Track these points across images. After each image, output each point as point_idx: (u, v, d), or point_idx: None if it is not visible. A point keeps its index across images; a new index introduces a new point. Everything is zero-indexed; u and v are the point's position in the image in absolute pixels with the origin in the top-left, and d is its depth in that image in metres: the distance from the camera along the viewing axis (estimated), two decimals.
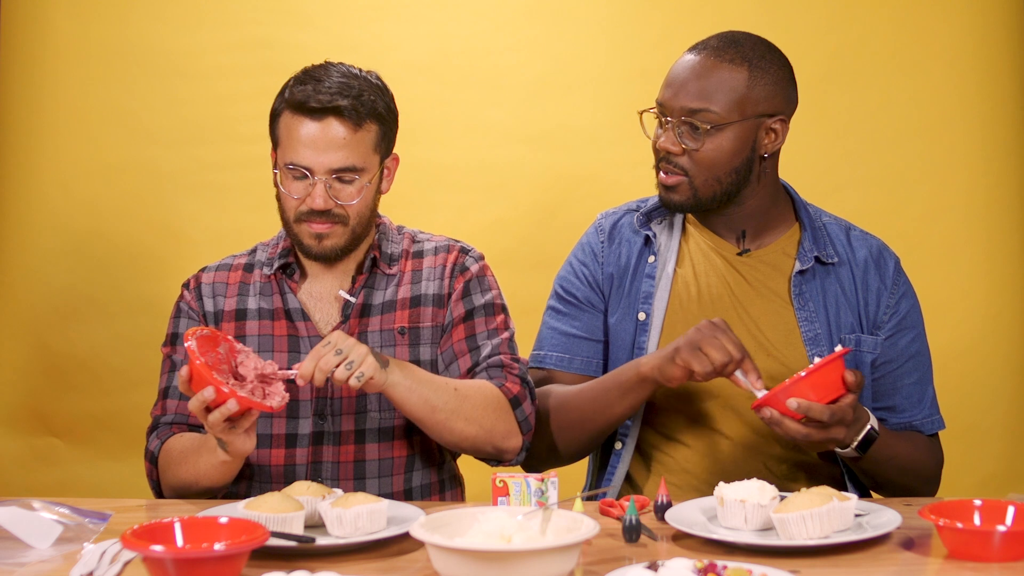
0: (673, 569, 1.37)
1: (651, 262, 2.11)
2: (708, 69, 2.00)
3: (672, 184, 2.04)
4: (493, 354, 2.01)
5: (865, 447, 1.89)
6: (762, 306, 2.06)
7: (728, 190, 2.03)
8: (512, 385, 1.97)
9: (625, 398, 1.98)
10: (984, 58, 2.91)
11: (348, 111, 1.93)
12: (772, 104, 2.02)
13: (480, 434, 1.93)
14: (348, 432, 2.00)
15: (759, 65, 2.01)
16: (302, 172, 1.95)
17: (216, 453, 1.83)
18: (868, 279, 2.08)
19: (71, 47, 2.93)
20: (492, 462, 2.01)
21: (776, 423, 1.79)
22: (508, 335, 2.05)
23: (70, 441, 2.94)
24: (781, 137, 2.05)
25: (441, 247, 2.11)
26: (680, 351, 1.87)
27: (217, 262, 2.15)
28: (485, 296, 2.07)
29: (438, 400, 1.89)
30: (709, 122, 1.98)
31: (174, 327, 2.09)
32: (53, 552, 1.61)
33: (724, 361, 1.84)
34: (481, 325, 2.04)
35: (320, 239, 1.98)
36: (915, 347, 2.10)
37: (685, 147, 2.01)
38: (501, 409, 1.95)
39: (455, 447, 1.99)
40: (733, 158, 2.01)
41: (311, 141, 1.94)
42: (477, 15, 2.95)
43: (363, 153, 1.96)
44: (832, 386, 1.79)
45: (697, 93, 1.99)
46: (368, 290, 2.05)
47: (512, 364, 2.01)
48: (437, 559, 1.43)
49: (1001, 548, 1.49)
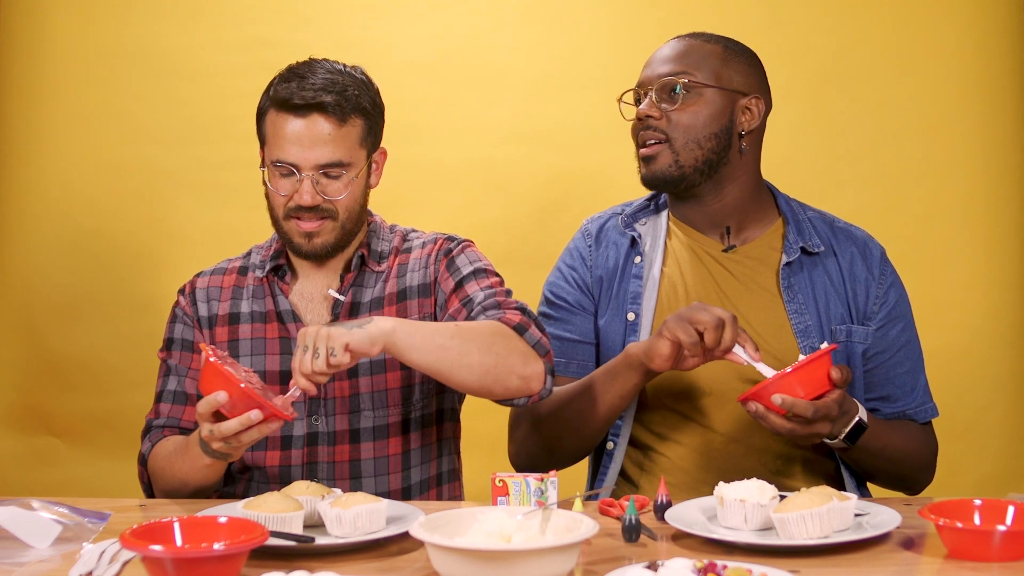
0: (673, 569, 1.37)
1: (638, 263, 2.12)
2: (684, 46, 2.10)
3: (653, 153, 2.07)
4: (487, 299, 1.96)
5: (854, 438, 1.89)
6: (751, 301, 2.06)
7: (709, 158, 2.05)
8: (511, 315, 1.90)
9: (614, 383, 1.96)
10: (984, 58, 2.91)
11: (332, 107, 1.94)
12: (747, 82, 2.08)
13: (498, 362, 1.82)
14: (343, 432, 2.00)
15: (732, 48, 2.10)
16: (289, 169, 1.95)
17: (200, 456, 1.82)
18: (855, 269, 2.09)
19: (71, 47, 2.93)
20: (521, 400, 1.88)
21: (761, 417, 1.81)
22: (503, 289, 2.00)
23: (69, 441, 2.94)
24: (757, 117, 2.09)
25: (428, 240, 2.11)
26: (666, 324, 1.87)
27: (212, 266, 2.15)
28: (474, 264, 2.04)
29: (443, 338, 1.80)
30: (687, 82, 2.04)
31: (170, 332, 2.10)
32: (52, 552, 1.61)
33: (712, 323, 1.81)
34: (473, 286, 2.00)
35: (310, 237, 1.98)
36: (905, 336, 2.11)
37: (663, 110, 2.05)
38: (508, 336, 1.86)
39: (477, 387, 1.85)
40: (711, 122, 2.05)
41: (296, 138, 1.94)
42: (477, 15, 2.95)
43: (349, 148, 1.97)
44: (818, 382, 1.80)
45: (675, 62, 2.07)
46: (357, 288, 2.05)
47: (508, 301, 1.95)
48: (437, 559, 1.43)
49: (1001, 548, 1.49)
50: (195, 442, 1.83)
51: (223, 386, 1.69)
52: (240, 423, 1.69)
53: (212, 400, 1.69)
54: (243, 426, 1.69)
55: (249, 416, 1.68)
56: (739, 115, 2.07)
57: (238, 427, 1.70)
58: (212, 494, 1.99)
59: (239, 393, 1.67)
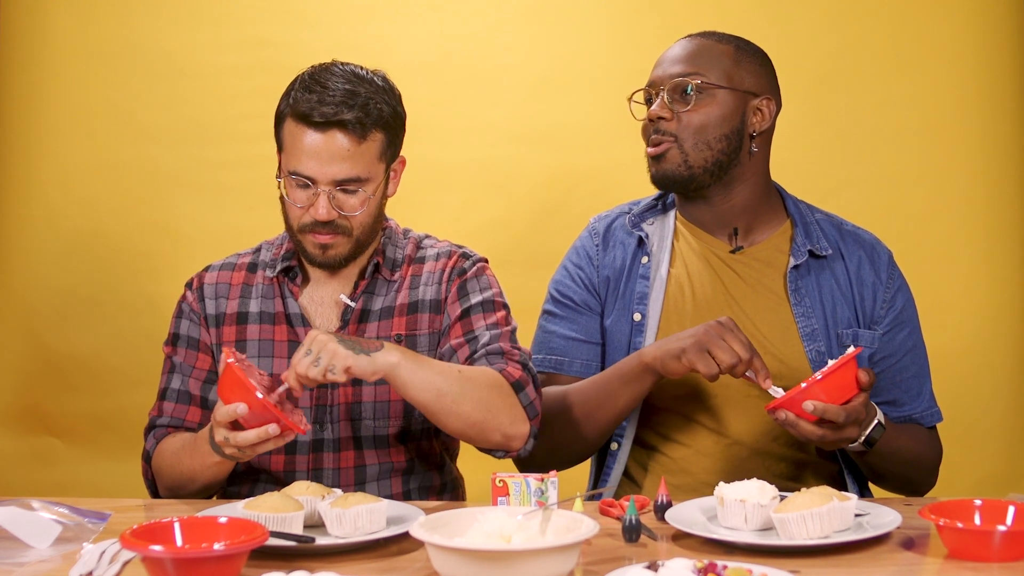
0: (673, 569, 1.37)
1: (645, 263, 2.11)
2: (696, 46, 2.08)
3: (661, 152, 2.05)
4: (492, 342, 1.96)
5: (872, 442, 1.89)
6: (758, 303, 2.06)
7: (719, 159, 2.04)
8: (513, 370, 1.90)
9: (627, 388, 1.97)
10: (984, 58, 2.91)
11: (353, 124, 1.90)
12: (758, 83, 2.07)
13: (487, 418, 1.84)
14: (347, 439, 2.00)
15: (744, 48, 2.09)
16: (305, 181, 1.93)
17: (209, 455, 1.82)
18: (863, 273, 2.09)
19: (71, 47, 2.93)
20: (499, 453, 1.91)
21: (791, 425, 1.79)
22: (509, 329, 2.00)
23: (69, 441, 2.94)
24: (768, 119, 2.07)
25: (443, 253, 2.08)
26: (687, 352, 1.86)
27: (221, 261, 2.13)
28: (484, 293, 2.03)
29: (443, 382, 1.81)
30: (698, 83, 2.02)
31: (175, 327, 2.08)
32: (52, 552, 1.61)
33: (731, 363, 1.83)
34: (479, 320, 2.00)
35: (324, 249, 1.96)
36: (912, 341, 2.11)
37: (674, 111, 2.03)
38: (504, 392, 1.87)
39: (461, 434, 1.89)
40: (722, 123, 2.03)
41: (315, 152, 1.91)
42: (477, 15, 2.95)
43: (367, 163, 1.94)
44: (847, 387, 1.78)
45: (687, 62, 2.06)
46: (368, 295, 2.04)
47: (512, 351, 1.95)
48: (437, 559, 1.43)
49: (1001, 548, 1.49)
50: (204, 440, 1.82)
51: (242, 395, 1.69)
52: (258, 436, 1.70)
53: (232, 411, 1.69)
54: (260, 439, 1.70)
55: (267, 430, 1.69)
56: (750, 116, 2.06)
57: (255, 440, 1.70)
58: (216, 492, 1.99)
59: (258, 404, 1.68)
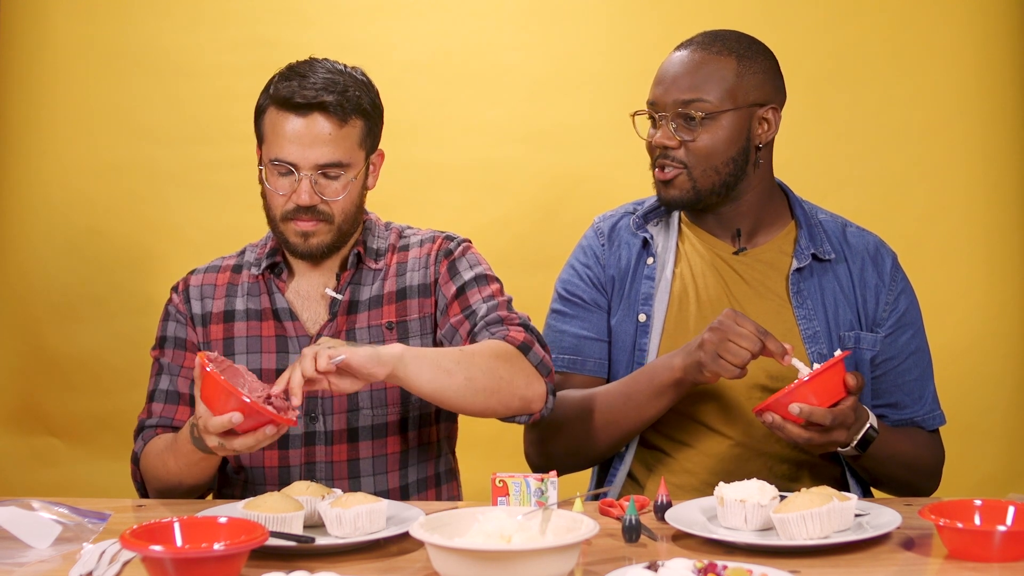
0: (673, 569, 1.37)
1: (650, 264, 2.11)
2: (697, 62, 2.02)
3: (670, 178, 2.04)
4: (490, 312, 1.97)
5: (864, 446, 1.89)
6: (760, 305, 2.06)
7: (726, 181, 2.03)
8: (516, 334, 1.91)
9: (660, 399, 1.97)
10: (984, 58, 2.91)
11: (333, 107, 1.93)
12: (763, 93, 2.04)
13: (502, 386, 1.84)
14: (340, 431, 2.00)
15: (747, 55, 2.04)
16: (287, 168, 1.94)
17: (190, 453, 1.81)
18: (866, 276, 2.08)
19: (71, 47, 2.93)
20: (523, 418, 1.90)
21: (778, 428, 1.79)
22: (504, 299, 2.00)
23: (69, 441, 2.94)
24: (774, 127, 2.06)
25: (426, 239, 2.10)
26: (706, 365, 1.87)
27: (206, 264, 2.14)
28: (475, 270, 2.04)
29: (449, 363, 1.81)
30: (703, 111, 1.99)
31: (163, 330, 2.09)
32: (52, 552, 1.61)
33: (745, 360, 1.84)
34: (475, 295, 2.00)
35: (306, 237, 1.97)
36: (915, 343, 2.10)
37: (681, 139, 2.01)
38: (512, 357, 1.87)
39: (481, 410, 1.87)
40: (729, 147, 2.01)
41: (296, 137, 1.93)
42: (477, 15, 2.95)
43: (348, 148, 1.96)
44: (833, 390, 1.78)
45: (689, 85, 2.01)
46: (355, 286, 2.05)
47: (511, 316, 1.96)
48: (437, 559, 1.43)
49: (1001, 548, 1.49)
50: (185, 438, 1.82)
51: (230, 402, 1.66)
52: (257, 440, 1.69)
53: (226, 422, 1.67)
54: (259, 444, 1.70)
55: (265, 432, 1.68)
56: (755, 128, 2.04)
57: (254, 444, 1.70)
58: (206, 494, 1.98)
59: (249, 409, 1.66)
